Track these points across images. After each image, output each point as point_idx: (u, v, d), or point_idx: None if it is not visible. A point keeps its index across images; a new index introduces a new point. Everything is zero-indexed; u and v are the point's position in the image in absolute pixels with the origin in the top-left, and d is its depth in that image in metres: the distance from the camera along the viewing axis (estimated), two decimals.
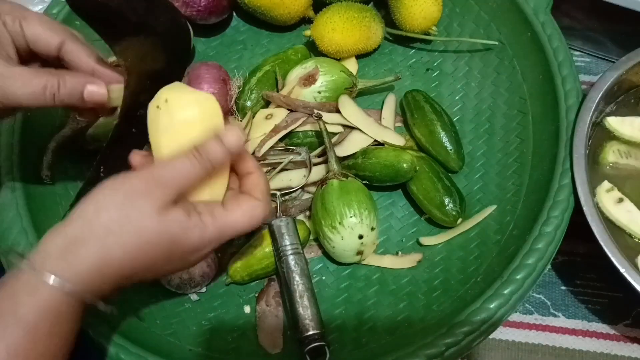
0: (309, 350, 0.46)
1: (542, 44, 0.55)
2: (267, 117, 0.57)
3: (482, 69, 0.61)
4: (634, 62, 0.53)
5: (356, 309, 0.52)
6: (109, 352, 0.44)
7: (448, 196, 0.53)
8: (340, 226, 0.50)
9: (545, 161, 0.52)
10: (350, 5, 0.61)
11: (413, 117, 0.58)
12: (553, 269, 0.57)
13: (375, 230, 0.52)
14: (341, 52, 0.61)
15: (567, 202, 0.48)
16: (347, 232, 0.50)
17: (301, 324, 0.47)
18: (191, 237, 0.36)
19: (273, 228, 0.51)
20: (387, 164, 0.54)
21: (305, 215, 0.57)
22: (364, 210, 0.51)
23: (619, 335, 0.53)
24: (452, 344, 0.44)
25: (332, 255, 0.53)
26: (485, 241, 0.53)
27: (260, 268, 0.52)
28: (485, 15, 0.62)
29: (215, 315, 0.52)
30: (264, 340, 0.50)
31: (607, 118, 0.55)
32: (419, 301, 0.51)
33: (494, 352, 0.53)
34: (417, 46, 0.65)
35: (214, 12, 0.63)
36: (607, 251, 0.46)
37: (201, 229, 0.36)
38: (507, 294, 0.45)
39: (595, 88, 0.52)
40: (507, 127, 0.58)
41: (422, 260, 0.54)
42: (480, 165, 0.58)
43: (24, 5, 0.69)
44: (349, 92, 0.59)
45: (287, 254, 0.50)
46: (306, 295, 0.48)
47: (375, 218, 0.52)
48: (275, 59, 0.61)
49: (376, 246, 0.54)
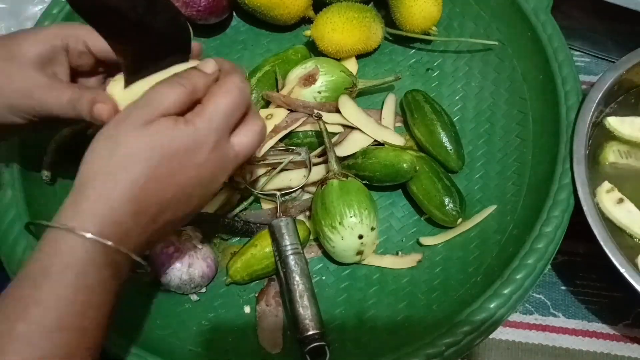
0: (309, 350, 0.46)
1: (543, 43, 0.55)
2: (267, 117, 0.57)
3: (482, 68, 0.62)
4: (634, 62, 0.53)
5: (356, 309, 0.52)
6: (109, 352, 0.44)
7: (448, 196, 0.53)
8: (340, 226, 0.50)
9: (545, 161, 0.52)
10: (350, 5, 0.61)
11: (413, 117, 0.58)
12: (553, 269, 0.57)
13: (375, 230, 0.52)
14: (341, 52, 0.61)
15: (567, 202, 0.48)
16: (347, 232, 0.50)
17: (301, 324, 0.47)
18: (183, 139, 0.35)
19: (273, 228, 0.51)
20: (387, 164, 0.54)
21: (305, 215, 0.57)
22: (364, 210, 0.51)
23: (619, 335, 0.53)
24: (452, 344, 0.44)
25: (332, 255, 0.53)
26: (485, 241, 0.53)
27: (260, 268, 0.52)
28: (485, 15, 0.62)
29: (215, 315, 0.52)
30: (264, 340, 0.50)
31: (608, 118, 0.55)
32: (419, 301, 0.51)
33: (494, 352, 0.53)
34: (417, 46, 0.65)
35: (214, 12, 0.63)
36: (607, 251, 0.46)
37: (191, 128, 0.36)
38: (507, 294, 0.45)
39: (595, 88, 0.52)
40: (507, 127, 0.58)
41: (422, 260, 0.54)
42: (481, 165, 0.58)
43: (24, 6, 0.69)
44: (348, 92, 0.59)
45: (287, 254, 0.50)
46: (306, 295, 0.48)
47: (375, 218, 0.52)
48: (275, 59, 0.61)
49: (376, 246, 0.54)
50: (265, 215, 0.56)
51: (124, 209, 0.34)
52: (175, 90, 0.36)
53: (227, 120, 0.38)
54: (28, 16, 0.69)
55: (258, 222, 0.55)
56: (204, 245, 0.52)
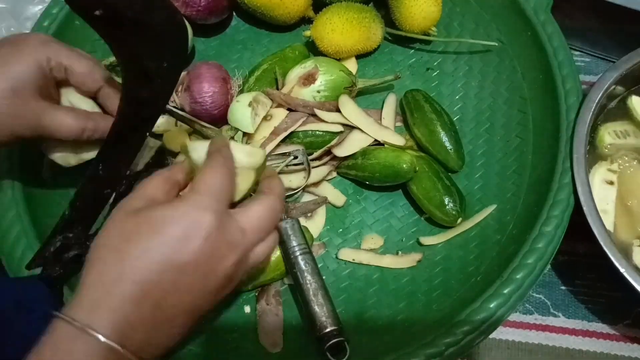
0: (329, 347, 0.46)
1: (542, 43, 0.55)
2: (266, 118, 0.57)
3: (482, 68, 0.61)
4: (634, 62, 0.53)
5: (356, 309, 0.52)
6: None
7: (448, 196, 0.53)
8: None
9: (545, 161, 0.52)
10: (350, 5, 0.61)
11: (413, 117, 0.58)
12: (553, 269, 0.57)
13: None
14: (341, 53, 0.61)
15: (567, 201, 0.48)
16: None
17: (318, 322, 0.47)
18: (174, 217, 0.35)
19: (280, 231, 0.51)
20: (387, 165, 0.54)
21: (306, 217, 0.56)
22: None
23: (619, 335, 0.53)
24: (452, 344, 0.44)
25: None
26: (485, 241, 0.52)
27: (266, 280, 0.52)
28: (486, 14, 0.62)
29: (215, 315, 0.52)
30: (264, 340, 0.50)
31: (633, 96, 0.55)
32: (419, 301, 0.51)
33: (494, 352, 0.53)
34: (417, 46, 0.65)
35: (214, 12, 0.63)
36: (607, 251, 0.46)
37: (179, 206, 0.35)
38: (506, 293, 0.45)
39: (595, 88, 0.52)
40: (507, 126, 0.58)
41: (422, 260, 0.54)
42: (480, 164, 0.58)
43: (24, 6, 0.68)
44: (348, 91, 0.59)
45: (296, 255, 0.50)
46: (320, 293, 0.48)
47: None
48: (273, 57, 0.61)
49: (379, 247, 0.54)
50: None
51: (135, 311, 0.33)
52: (156, 180, 0.38)
53: (218, 193, 0.37)
54: (28, 16, 0.69)
55: None
56: None
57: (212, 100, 0.56)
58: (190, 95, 0.56)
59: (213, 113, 0.57)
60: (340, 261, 0.55)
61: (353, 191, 0.58)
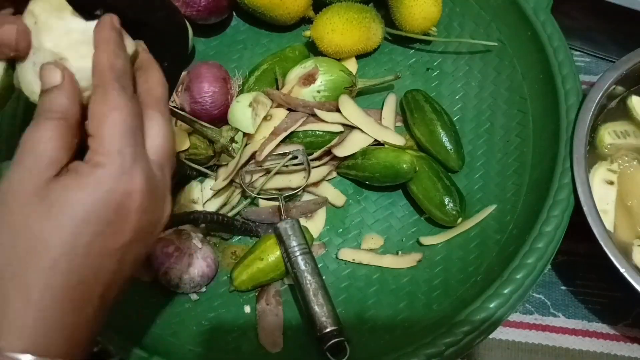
0: (329, 347, 0.46)
1: (542, 43, 0.55)
2: (266, 118, 0.57)
3: (482, 68, 0.61)
4: (634, 62, 0.53)
5: (356, 309, 0.52)
6: (110, 352, 0.44)
7: (448, 196, 0.53)
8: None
9: (545, 161, 0.52)
10: (350, 5, 0.61)
11: (413, 117, 0.58)
12: (553, 269, 0.57)
13: None
14: (341, 53, 0.61)
15: (567, 201, 0.48)
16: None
17: (318, 322, 0.47)
18: (97, 195, 0.28)
19: (279, 231, 0.51)
20: (387, 165, 0.54)
21: (306, 217, 0.56)
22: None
23: (619, 335, 0.53)
24: (452, 344, 0.44)
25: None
26: (485, 241, 0.52)
27: (266, 280, 0.52)
28: (486, 14, 0.62)
29: (215, 315, 0.52)
30: (264, 340, 0.50)
31: (632, 96, 0.55)
32: (419, 301, 0.51)
33: (494, 352, 0.53)
34: (417, 46, 0.65)
35: (214, 12, 0.63)
36: (607, 251, 0.46)
37: (98, 173, 0.29)
38: (507, 293, 0.45)
39: (595, 88, 0.52)
40: (507, 126, 0.58)
41: (422, 260, 0.54)
42: (481, 164, 0.58)
43: None
44: (348, 91, 0.59)
45: (296, 255, 0.50)
46: (320, 293, 0.48)
47: None
48: (273, 57, 0.61)
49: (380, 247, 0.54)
50: (265, 213, 0.56)
51: (56, 310, 0.28)
52: (50, 131, 0.29)
53: (132, 139, 0.30)
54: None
55: (258, 220, 0.55)
56: (204, 244, 0.52)
57: (212, 100, 0.56)
58: (190, 95, 0.56)
59: (213, 113, 0.57)
60: (340, 261, 0.55)
61: (353, 191, 0.58)
